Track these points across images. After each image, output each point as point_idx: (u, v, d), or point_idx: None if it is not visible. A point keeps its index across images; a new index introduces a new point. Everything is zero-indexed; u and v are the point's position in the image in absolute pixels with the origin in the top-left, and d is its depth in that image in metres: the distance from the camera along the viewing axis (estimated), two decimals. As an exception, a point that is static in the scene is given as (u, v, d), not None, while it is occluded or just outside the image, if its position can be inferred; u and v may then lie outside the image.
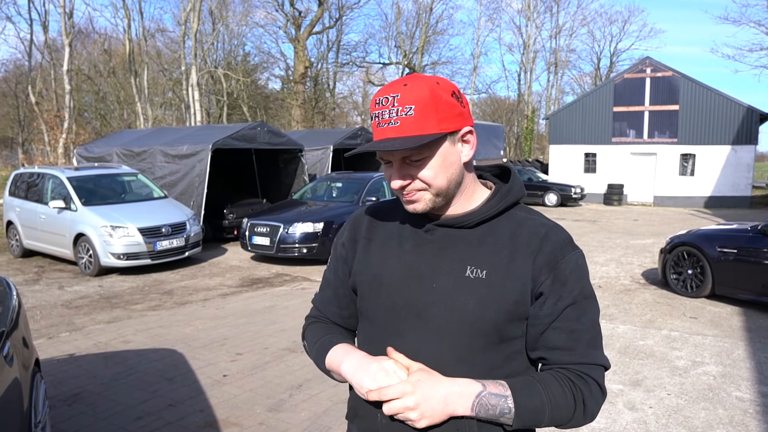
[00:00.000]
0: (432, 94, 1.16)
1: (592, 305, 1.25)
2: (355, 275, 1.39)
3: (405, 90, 1.17)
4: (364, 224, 1.42)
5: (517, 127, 46.84)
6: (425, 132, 1.16)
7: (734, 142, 22.96)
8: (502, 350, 1.24)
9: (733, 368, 5.10)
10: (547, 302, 1.21)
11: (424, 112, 1.16)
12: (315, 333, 1.45)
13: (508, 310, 1.20)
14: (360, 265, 1.38)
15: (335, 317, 1.47)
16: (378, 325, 1.32)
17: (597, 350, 1.24)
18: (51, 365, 5.15)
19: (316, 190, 12.32)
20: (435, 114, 1.16)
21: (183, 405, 4.28)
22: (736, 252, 7.09)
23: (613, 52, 46.74)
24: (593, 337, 1.24)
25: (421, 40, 38.96)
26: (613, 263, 10.31)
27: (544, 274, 1.21)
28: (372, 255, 1.36)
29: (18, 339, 2.83)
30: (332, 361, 1.34)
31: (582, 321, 1.22)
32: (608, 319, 6.68)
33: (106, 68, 36.52)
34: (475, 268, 1.23)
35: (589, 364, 1.22)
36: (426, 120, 1.16)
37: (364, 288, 1.35)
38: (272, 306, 7.39)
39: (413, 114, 1.15)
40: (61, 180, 10.11)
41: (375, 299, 1.33)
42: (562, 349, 1.22)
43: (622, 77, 25.17)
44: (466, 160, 1.25)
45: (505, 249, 1.23)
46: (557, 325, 1.21)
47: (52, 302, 7.70)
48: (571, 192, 22.61)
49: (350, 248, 1.42)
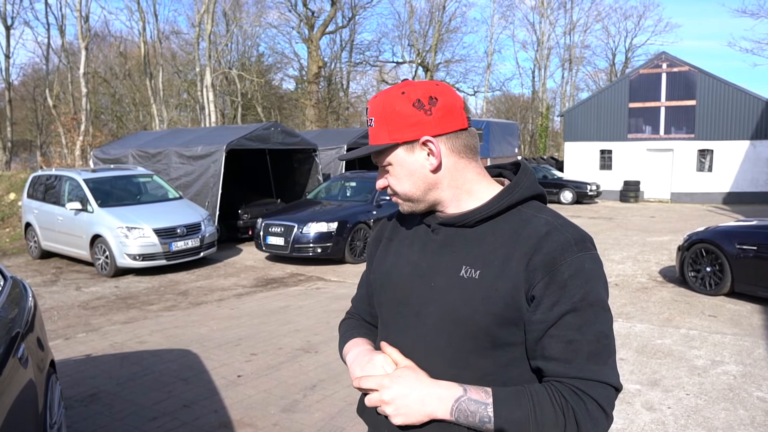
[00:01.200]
0: (385, 106, 1.23)
1: (600, 315, 1.14)
2: (372, 273, 1.45)
3: (371, 102, 1.28)
4: (390, 224, 1.48)
5: (531, 124, 46.55)
6: (379, 142, 1.25)
7: (753, 137, 22.63)
8: (497, 357, 1.19)
9: (754, 368, 5.01)
10: (541, 306, 1.14)
11: (379, 123, 1.25)
12: (344, 329, 1.53)
13: (498, 313, 1.15)
14: (377, 264, 1.43)
15: (366, 315, 1.53)
16: (384, 321, 1.37)
17: (600, 366, 1.13)
18: (68, 366, 5.19)
19: (330, 190, 12.33)
20: (386, 125, 1.24)
21: (197, 405, 4.29)
22: (756, 249, 6.97)
23: (629, 47, 46.17)
24: (597, 350, 1.13)
25: (434, 38, 38.86)
26: (629, 261, 10.20)
27: (538, 276, 1.14)
28: (389, 254, 1.40)
29: (33, 341, 2.85)
30: (344, 352, 1.43)
31: (583, 331, 1.12)
32: (625, 318, 6.61)
33: (122, 71, 36.87)
34: (469, 267, 1.20)
35: (587, 380, 1.11)
36: (380, 131, 1.25)
37: (377, 285, 1.40)
38: (287, 306, 7.40)
39: (374, 125, 1.26)
40: (77, 182, 10.21)
41: (383, 296, 1.36)
42: (557, 360, 1.13)
43: (638, 73, 24.91)
44: (432, 168, 1.24)
45: (503, 248, 1.19)
46: (554, 333, 1.13)
47: (70, 303, 7.78)
48: (586, 189, 22.42)
49: (373, 247, 1.49)
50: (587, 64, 47.84)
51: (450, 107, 1.22)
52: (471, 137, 1.27)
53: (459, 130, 1.24)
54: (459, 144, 1.24)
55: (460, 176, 1.27)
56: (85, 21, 27.15)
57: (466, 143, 1.25)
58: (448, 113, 1.22)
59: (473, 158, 1.28)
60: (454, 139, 1.24)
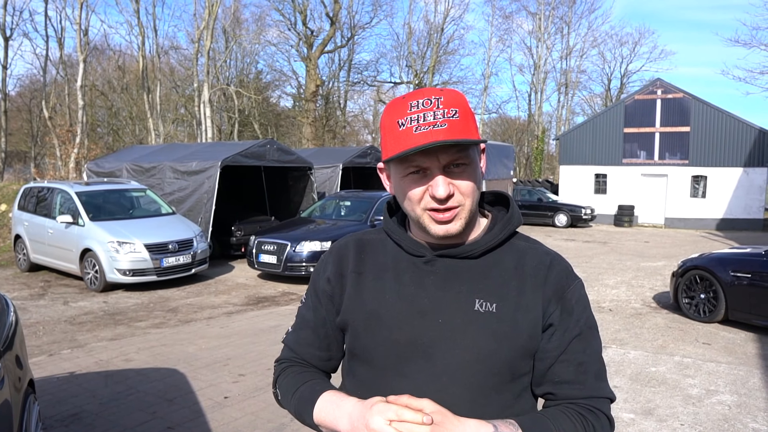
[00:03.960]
0: (461, 102, 1.11)
1: (596, 336, 1.22)
2: (345, 313, 1.25)
3: (445, 94, 1.10)
4: (350, 257, 1.28)
5: (527, 147, 46.73)
6: (467, 136, 1.08)
7: (746, 164, 22.77)
8: (513, 388, 1.18)
9: (749, 398, 4.94)
10: (556, 334, 1.17)
11: (466, 116, 1.10)
12: (292, 380, 1.28)
13: (522, 345, 1.15)
14: (351, 302, 1.24)
15: (313, 359, 1.32)
16: (376, 366, 1.20)
17: (604, 382, 1.20)
18: (50, 384, 5.07)
19: (324, 209, 12.27)
20: (473, 121, 1.12)
21: (182, 428, 4.18)
22: (750, 276, 6.94)
23: (624, 73, 46.59)
24: (600, 369, 1.20)
25: (432, 59, 39.13)
26: (623, 286, 10.15)
27: (552, 305, 1.16)
28: (365, 290, 1.23)
29: (11, 359, 2.76)
30: (324, 416, 1.16)
31: (588, 353, 1.18)
32: (619, 344, 6.54)
33: (120, 84, 36.91)
34: (484, 301, 1.15)
35: (598, 398, 1.17)
36: (468, 125, 1.10)
37: (358, 326, 1.22)
38: (277, 325, 7.30)
39: (458, 118, 1.08)
40: (69, 195, 10.12)
41: (372, 338, 1.20)
42: (570, 383, 1.16)
43: (633, 98, 25.10)
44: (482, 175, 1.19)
45: (513, 280, 1.17)
46: (565, 358, 1.16)
47: (56, 318, 7.65)
48: (581, 213, 22.45)
49: (336, 283, 1.27)
50: (583, 88, 48.22)
51: None
52: None
53: None
54: None
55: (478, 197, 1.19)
56: (85, 34, 27.21)
57: None
58: None
59: None
60: None
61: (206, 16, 28.90)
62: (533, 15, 42.62)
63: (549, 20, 42.00)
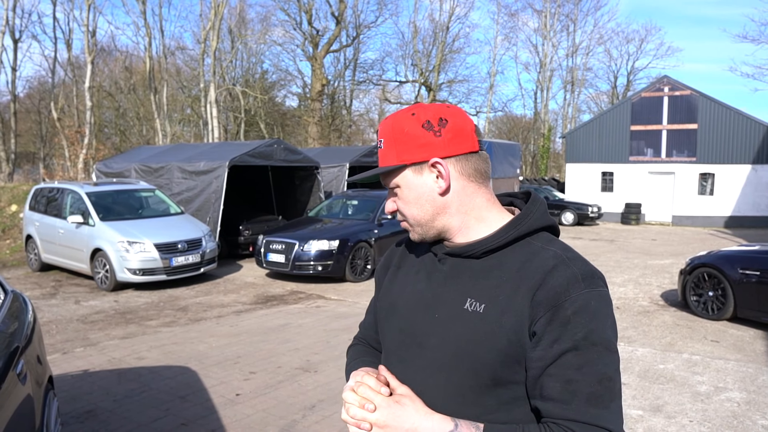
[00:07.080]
0: (394, 127, 1.21)
1: (603, 356, 1.07)
2: (379, 302, 1.42)
3: (382, 124, 1.25)
4: (399, 252, 1.44)
5: (533, 145, 46.66)
6: (387, 164, 1.22)
7: (754, 162, 22.68)
8: (499, 394, 1.14)
9: (758, 395, 4.95)
10: (541, 343, 1.08)
11: (388, 144, 1.22)
12: (350, 357, 1.51)
13: (501, 350, 1.11)
14: (384, 292, 1.40)
15: (372, 341, 1.51)
16: (388, 350, 1.34)
17: (600, 410, 1.04)
18: (65, 381, 5.15)
19: (331, 208, 12.32)
20: (395, 146, 1.21)
21: (195, 424, 4.24)
22: (759, 274, 6.94)
23: (630, 70, 46.37)
24: (598, 393, 1.05)
25: (437, 58, 39.12)
26: (631, 284, 10.16)
27: (541, 311, 1.09)
28: (396, 283, 1.37)
29: (32, 356, 2.82)
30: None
31: (584, 371, 1.05)
32: (627, 342, 6.56)
33: (127, 85, 37.09)
34: (474, 301, 1.16)
35: (584, 424, 1.04)
36: (389, 152, 1.22)
37: (381, 314, 1.38)
38: (286, 324, 7.36)
39: (383, 147, 1.23)
40: (80, 195, 10.22)
41: (388, 325, 1.34)
42: (555, 400, 1.07)
43: (640, 96, 25.03)
44: (440, 191, 1.20)
45: (509, 282, 1.14)
46: (552, 372, 1.07)
47: (68, 317, 7.73)
48: (588, 211, 22.42)
49: (381, 275, 1.46)
50: (589, 86, 47.81)
51: (460, 129, 1.19)
52: (482, 161, 1.23)
53: (469, 152, 1.20)
54: (469, 167, 1.21)
55: (469, 201, 1.22)
56: (92, 36, 27.41)
57: (476, 167, 1.21)
58: (457, 135, 1.19)
59: (483, 183, 1.23)
60: (463, 162, 1.20)
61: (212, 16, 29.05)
62: (539, 13, 42.52)
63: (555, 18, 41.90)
